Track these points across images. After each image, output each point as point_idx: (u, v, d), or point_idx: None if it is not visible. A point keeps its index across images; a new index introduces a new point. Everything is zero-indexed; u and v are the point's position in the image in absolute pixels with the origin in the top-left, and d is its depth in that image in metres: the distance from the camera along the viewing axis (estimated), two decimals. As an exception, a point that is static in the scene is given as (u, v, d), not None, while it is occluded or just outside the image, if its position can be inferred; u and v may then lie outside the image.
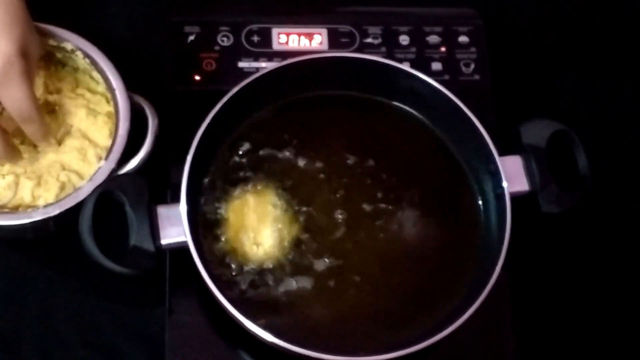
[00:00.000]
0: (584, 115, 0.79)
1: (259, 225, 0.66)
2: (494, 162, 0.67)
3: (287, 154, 0.69)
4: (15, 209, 0.66)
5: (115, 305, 0.69)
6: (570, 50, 0.84)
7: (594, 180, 0.68)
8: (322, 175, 0.69)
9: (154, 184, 0.64)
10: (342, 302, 0.65)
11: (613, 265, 0.76)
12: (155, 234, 0.62)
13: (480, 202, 0.69)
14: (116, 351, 0.68)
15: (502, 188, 0.66)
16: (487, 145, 0.67)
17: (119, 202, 0.63)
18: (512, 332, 0.69)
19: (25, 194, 0.67)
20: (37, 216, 0.64)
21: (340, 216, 0.68)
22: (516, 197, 0.66)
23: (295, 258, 0.66)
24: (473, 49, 0.78)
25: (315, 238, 0.66)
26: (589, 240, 0.76)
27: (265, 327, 0.61)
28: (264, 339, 0.60)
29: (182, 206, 0.62)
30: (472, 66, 0.78)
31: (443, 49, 0.78)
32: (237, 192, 0.67)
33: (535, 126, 0.69)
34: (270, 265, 0.65)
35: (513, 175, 0.67)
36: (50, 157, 0.69)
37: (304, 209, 0.67)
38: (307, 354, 0.60)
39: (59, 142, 0.69)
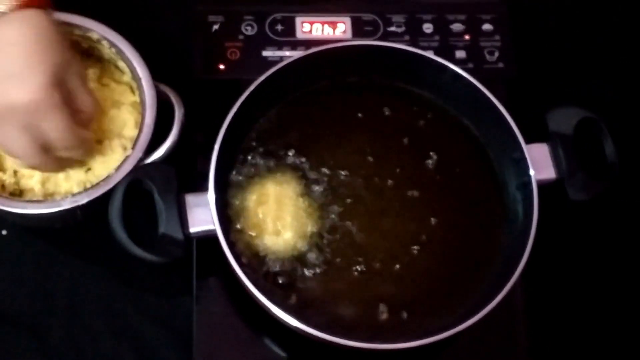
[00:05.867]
0: (611, 103, 0.78)
1: (284, 214, 0.67)
2: (521, 150, 0.67)
3: (312, 142, 0.70)
4: (44, 198, 0.66)
5: (142, 294, 0.70)
6: (596, 36, 0.83)
7: (621, 167, 0.68)
8: (347, 163, 0.69)
9: (180, 173, 0.64)
10: (366, 290, 0.65)
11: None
12: (184, 222, 0.62)
13: (506, 190, 0.69)
14: (143, 339, 0.68)
15: (529, 176, 0.66)
16: (513, 133, 0.67)
17: (147, 191, 0.63)
18: (525, 325, 0.69)
19: (54, 185, 0.68)
20: (66, 205, 0.64)
21: (364, 205, 0.68)
22: (542, 185, 0.66)
23: (320, 247, 0.66)
24: (497, 37, 0.78)
25: (340, 227, 0.67)
26: (614, 230, 0.75)
27: (290, 312, 0.61)
28: (289, 324, 0.61)
29: (210, 195, 0.62)
30: (497, 54, 0.77)
31: (467, 37, 0.78)
32: (262, 180, 0.68)
33: (562, 114, 0.68)
34: (296, 254, 0.65)
35: (540, 162, 0.67)
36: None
37: (329, 197, 0.68)
38: (330, 339, 0.60)
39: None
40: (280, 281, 0.64)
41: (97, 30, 0.70)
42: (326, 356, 0.66)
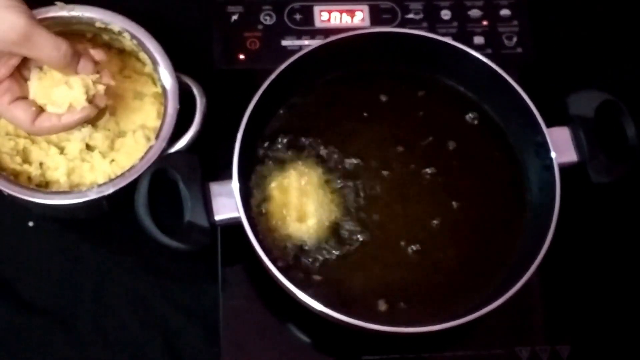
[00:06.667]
0: (631, 85, 0.78)
1: (307, 201, 0.67)
2: (542, 134, 0.67)
3: (333, 129, 0.70)
4: (70, 189, 0.67)
5: (168, 282, 0.70)
6: (615, 19, 0.83)
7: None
8: (367, 150, 0.70)
9: (203, 162, 0.65)
10: (389, 275, 0.66)
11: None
12: (209, 210, 0.63)
13: (527, 174, 0.69)
14: (169, 327, 0.69)
15: (550, 159, 0.66)
16: (534, 116, 0.67)
17: (172, 180, 0.64)
18: (542, 309, 0.70)
19: (79, 177, 0.68)
20: (92, 195, 0.65)
21: (385, 190, 0.68)
22: (564, 169, 0.66)
23: (343, 232, 0.66)
24: (515, 22, 0.78)
25: (362, 213, 0.67)
26: (636, 212, 0.75)
27: (315, 297, 0.61)
28: (315, 309, 0.61)
29: (234, 183, 0.63)
30: (515, 39, 0.77)
31: (485, 22, 0.78)
32: (285, 168, 0.68)
33: (583, 97, 0.69)
34: (319, 239, 0.66)
35: (561, 146, 0.67)
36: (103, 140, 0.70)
37: (351, 183, 0.68)
38: (355, 323, 0.61)
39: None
40: (305, 266, 0.65)
41: (118, 22, 0.70)
42: (349, 340, 0.67)
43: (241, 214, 0.62)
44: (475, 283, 0.66)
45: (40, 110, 0.63)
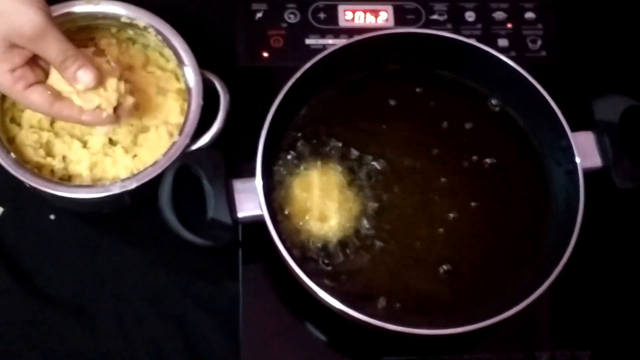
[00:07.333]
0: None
1: (329, 200, 0.67)
2: (566, 138, 0.66)
3: (356, 129, 0.70)
4: (93, 183, 0.68)
5: (188, 278, 0.71)
6: (640, 24, 0.83)
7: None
8: (389, 150, 0.69)
9: (226, 159, 0.65)
10: (409, 277, 0.66)
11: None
12: (232, 207, 0.63)
13: (551, 179, 0.69)
14: (188, 322, 0.69)
15: (574, 164, 0.66)
16: (559, 121, 0.67)
17: (195, 176, 0.64)
18: (549, 314, 0.69)
19: (102, 171, 0.69)
20: (115, 190, 0.65)
21: (406, 191, 0.68)
22: (588, 174, 0.66)
23: (364, 232, 0.66)
24: (540, 25, 0.78)
25: (383, 213, 0.67)
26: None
27: (338, 297, 0.61)
28: (335, 307, 0.61)
29: (258, 181, 0.63)
30: (539, 42, 0.77)
31: (509, 25, 0.78)
32: (307, 167, 0.68)
33: (608, 102, 0.68)
34: (341, 239, 0.66)
35: (585, 150, 0.67)
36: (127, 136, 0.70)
37: (373, 183, 0.68)
38: (375, 323, 0.61)
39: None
40: (326, 265, 0.65)
41: (144, 18, 0.71)
42: (369, 340, 0.67)
43: (264, 211, 0.62)
44: (496, 287, 0.66)
45: (58, 94, 0.63)
